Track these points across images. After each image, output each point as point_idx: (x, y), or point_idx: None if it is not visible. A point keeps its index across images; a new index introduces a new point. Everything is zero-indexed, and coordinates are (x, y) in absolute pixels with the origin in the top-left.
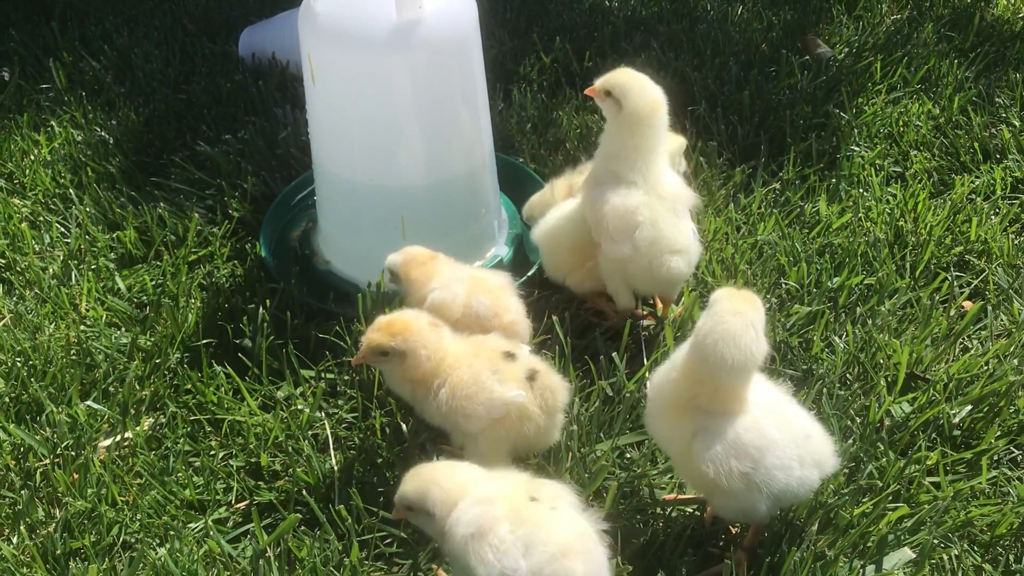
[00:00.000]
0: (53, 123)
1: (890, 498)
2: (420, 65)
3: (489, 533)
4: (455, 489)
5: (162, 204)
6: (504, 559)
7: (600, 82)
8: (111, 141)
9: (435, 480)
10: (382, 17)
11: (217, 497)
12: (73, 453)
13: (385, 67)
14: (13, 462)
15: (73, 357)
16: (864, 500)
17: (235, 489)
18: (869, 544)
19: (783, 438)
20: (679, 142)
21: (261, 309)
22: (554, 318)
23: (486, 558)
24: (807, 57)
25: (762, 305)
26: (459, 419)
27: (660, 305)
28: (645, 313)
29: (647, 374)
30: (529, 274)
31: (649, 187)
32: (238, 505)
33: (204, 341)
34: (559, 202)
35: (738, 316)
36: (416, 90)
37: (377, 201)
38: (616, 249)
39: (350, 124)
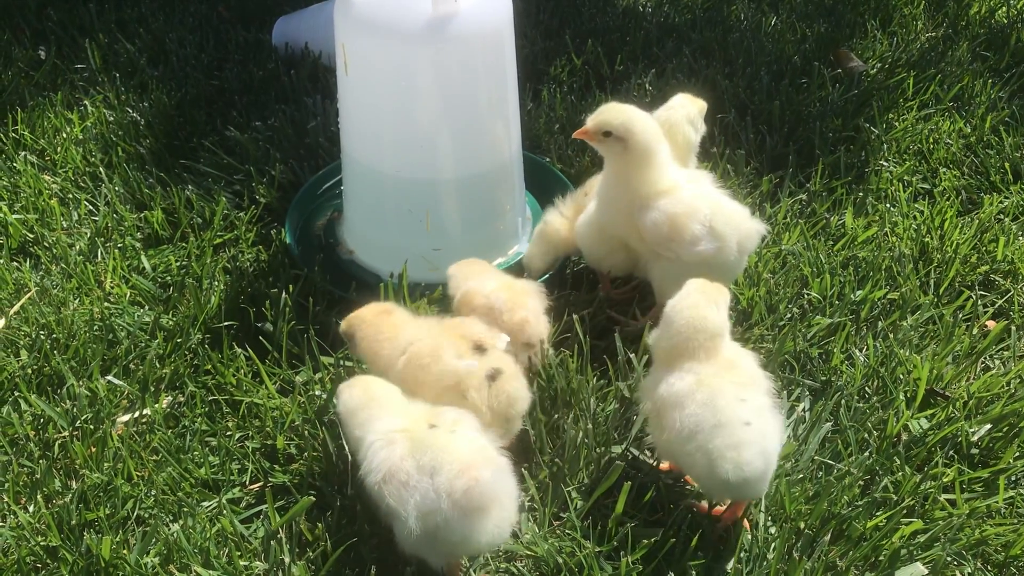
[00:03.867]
0: (86, 102)
1: (904, 512)
2: (453, 59)
3: (398, 472)
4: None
5: (190, 187)
6: (415, 494)
7: (592, 124)
8: (143, 123)
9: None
10: (418, 9)
11: (232, 477)
12: (92, 427)
13: (418, 59)
14: (33, 432)
15: (96, 332)
16: (878, 513)
17: (250, 470)
18: (881, 557)
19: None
20: (700, 105)
21: (284, 294)
22: (574, 317)
23: (401, 497)
24: (839, 70)
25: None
26: (413, 388)
27: None
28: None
29: None
30: (550, 273)
31: (683, 182)
32: (252, 486)
33: (226, 323)
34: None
35: (703, 294)
36: (448, 84)
37: (403, 193)
38: (699, 250)
39: (380, 115)
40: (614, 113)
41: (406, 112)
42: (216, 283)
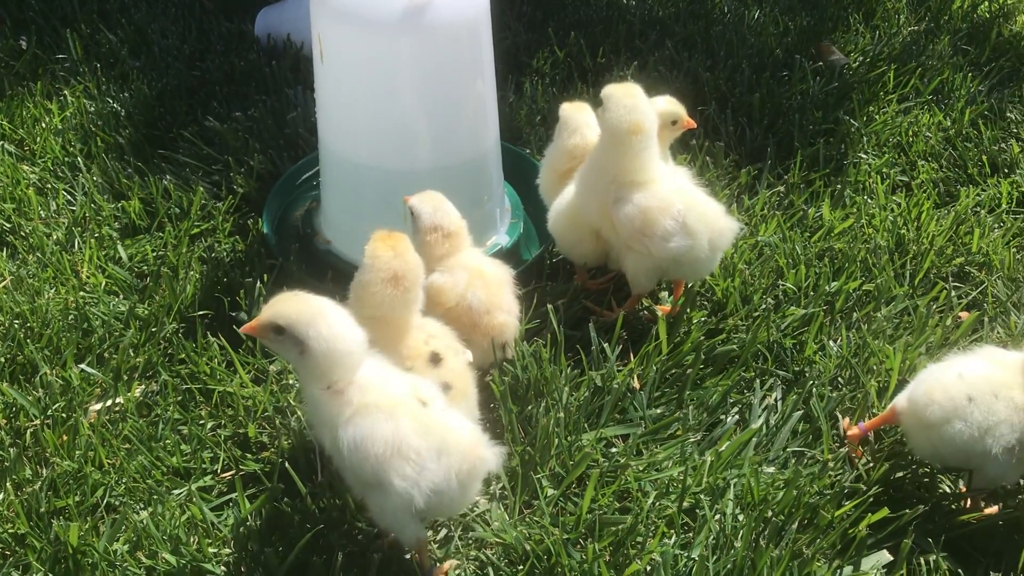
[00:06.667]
0: (66, 92)
1: (871, 500)
2: (429, 48)
3: (406, 450)
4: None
5: (168, 177)
6: (424, 472)
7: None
8: (123, 113)
9: (323, 314)
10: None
11: (203, 466)
12: (64, 415)
13: (394, 49)
14: (4, 421)
15: (71, 322)
16: (846, 502)
17: (222, 459)
18: (851, 546)
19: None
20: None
21: (258, 283)
22: (548, 307)
23: (404, 472)
24: (820, 64)
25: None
26: None
27: (679, 290)
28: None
29: (636, 366)
30: (528, 263)
31: (660, 177)
32: (224, 475)
33: (201, 312)
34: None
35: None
36: (424, 74)
37: (380, 183)
38: (670, 247)
39: (356, 105)
40: (612, 87)
41: (382, 102)
42: (192, 273)
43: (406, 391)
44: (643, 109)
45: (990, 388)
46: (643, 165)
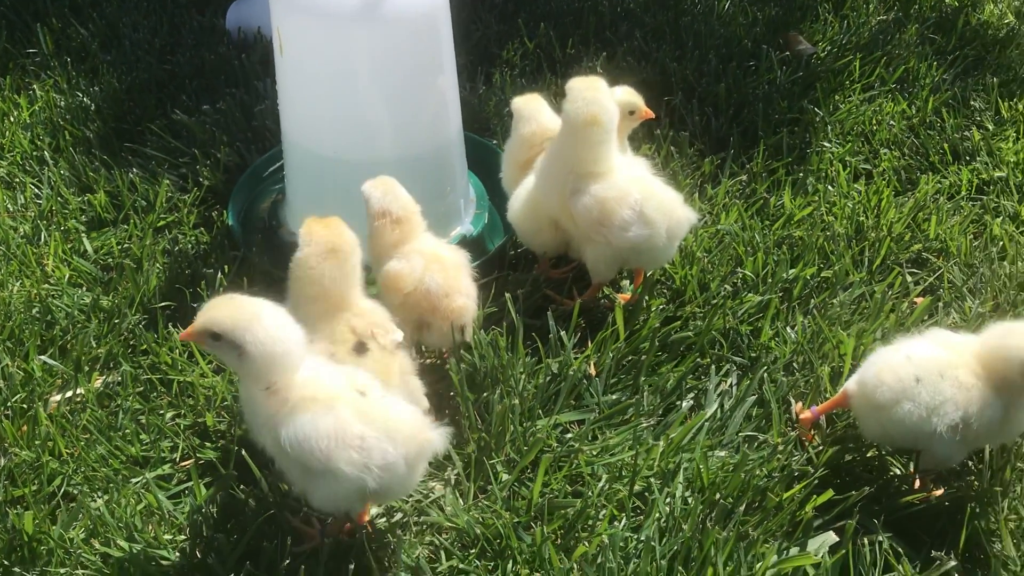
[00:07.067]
0: (36, 87)
1: (817, 483)
2: (386, 39)
3: (349, 438)
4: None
5: (135, 170)
6: (371, 455)
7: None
8: (92, 107)
9: (259, 317)
10: None
11: (163, 454)
12: (24, 406)
13: (351, 39)
14: None
15: (34, 314)
16: (795, 485)
17: (181, 447)
18: (798, 528)
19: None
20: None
21: (220, 275)
22: (507, 295)
23: (352, 459)
24: (788, 53)
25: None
26: None
27: (639, 279)
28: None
29: (593, 354)
30: (491, 254)
31: (617, 168)
32: (183, 463)
33: (163, 304)
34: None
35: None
36: (382, 64)
37: (342, 175)
38: (628, 236)
39: (316, 96)
40: (578, 79)
41: (342, 93)
42: (155, 265)
43: (343, 383)
44: (602, 102)
45: (936, 368)
46: (600, 156)
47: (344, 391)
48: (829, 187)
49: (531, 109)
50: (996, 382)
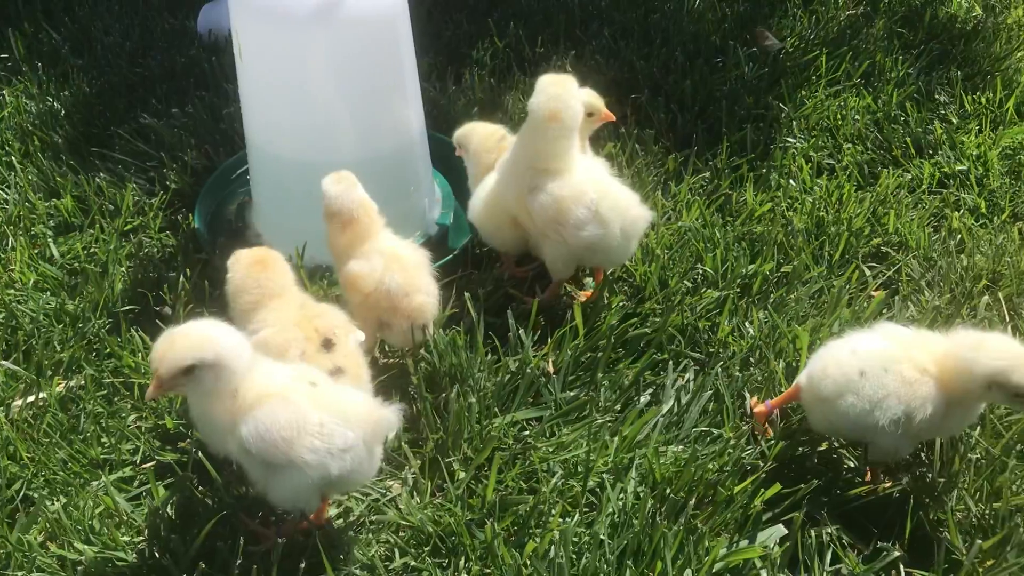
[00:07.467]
0: (5, 92)
1: (772, 476)
2: (344, 41)
3: (309, 426)
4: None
5: (102, 174)
6: (333, 438)
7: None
8: (62, 112)
9: (214, 332)
10: None
11: (124, 458)
12: None
13: (309, 43)
14: None
15: None
16: (746, 479)
17: (142, 450)
18: (748, 521)
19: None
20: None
21: (181, 278)
22: (466, 294)
23: (315, 446)
24: (755, 49)
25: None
26: None
27: (599, 276)
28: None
29: (552, 351)
30: (455, 253)
31: (576, 167)
32: (145, 465)
33: (127, 308)
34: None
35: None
36: (340, 67)
37: (304, 177)
38: (583, 235)
39: (276, 100)
40: (545, 76)
41: (301, 96)
42: (120, 269)
43: (294, 376)
44: (565, 99)
45: (881, 363)
46: (559, 153)
47: (297, 383)
48: (791, 182)
49: (466, 138)
50: (951, 385)
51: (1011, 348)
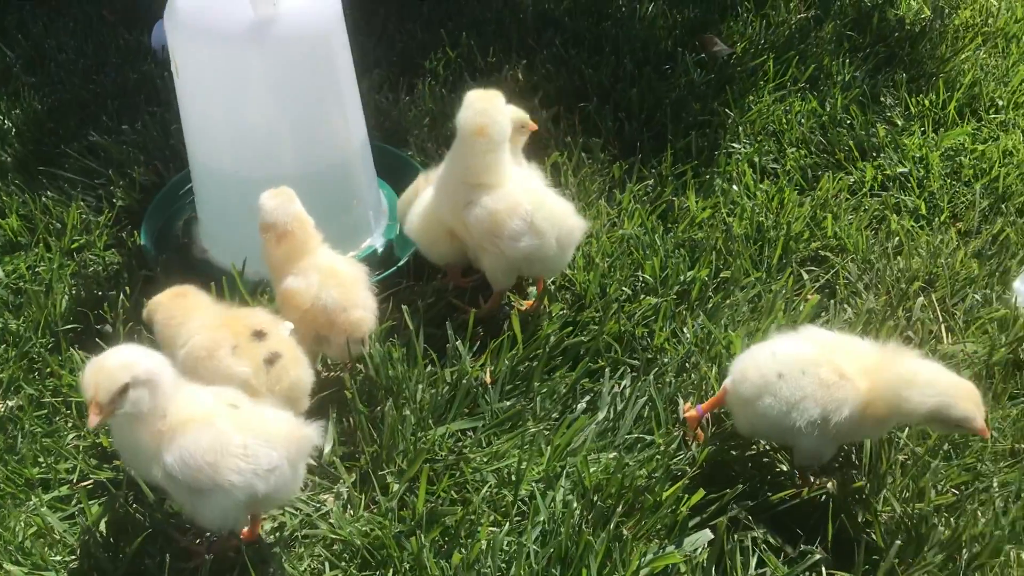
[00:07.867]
0: None
1: (702, 481)
2: (279, 59)
3: (233, 448)
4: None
5: (49, 192)
6: (258, 460)
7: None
8: (12, 131)
9: (138, 354)
10: (239, 13)
11: (61, 477)
12: None
13: (243, 61)
14: None
15: None
16: (675, 485)
17: (78, 469)
18: (676, 526)
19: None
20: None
21: (121, 296)
22: (403, 307)
23: (240, 467)
24: (704, 56)
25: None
26: (193, 379)
27: (540, 286)
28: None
29: (489, 362)
30: (399, 265)
31: (508, 179)
32: (81, 484)
33: (68, 327)
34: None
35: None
36: (276, 84)
37: (244, 192)
38: (519, 246)
39: (214, 116)
40: (474, 91)
41: (237, 112)
42: (62, 287)
43: (215, 400)
44: (491, 114)
45: (799, 365)
46: (488, 167)
47: (218, 407)
48: (735, 188)
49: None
50: (881, 405)
51: (943, 381)
